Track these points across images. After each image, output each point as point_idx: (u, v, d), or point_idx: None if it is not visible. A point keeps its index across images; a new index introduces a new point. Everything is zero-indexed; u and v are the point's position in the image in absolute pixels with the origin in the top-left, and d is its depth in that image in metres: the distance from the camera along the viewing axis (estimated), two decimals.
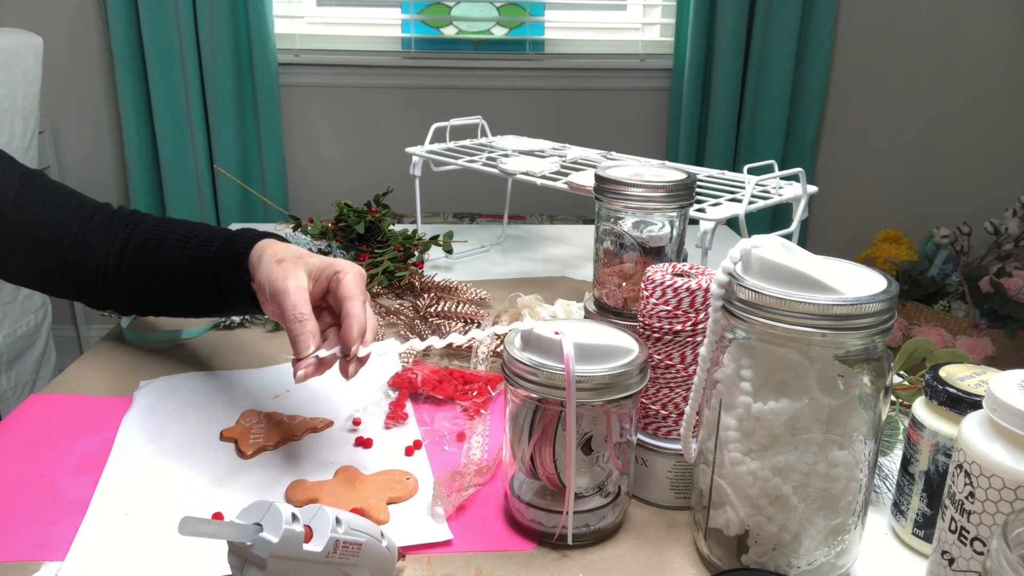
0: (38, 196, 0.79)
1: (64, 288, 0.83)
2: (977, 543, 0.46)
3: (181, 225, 0.81)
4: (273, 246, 0.72)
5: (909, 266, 2.34)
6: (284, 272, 0.66)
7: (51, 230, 0.78)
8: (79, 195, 0.83)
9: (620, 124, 2.44)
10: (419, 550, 0.57)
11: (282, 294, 0.64)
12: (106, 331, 0.96)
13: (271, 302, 0.67)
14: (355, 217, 1.11)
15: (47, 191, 0.80)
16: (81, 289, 0.82)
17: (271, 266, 0.68)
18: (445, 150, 1.20)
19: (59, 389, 0.80)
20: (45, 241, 0.78)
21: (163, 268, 0.78)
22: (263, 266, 0.69)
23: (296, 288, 0.64)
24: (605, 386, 0.54)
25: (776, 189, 0.98)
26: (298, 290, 0.64)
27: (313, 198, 2.44)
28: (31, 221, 0.77)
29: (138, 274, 0.79)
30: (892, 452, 0.69)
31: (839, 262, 0.53)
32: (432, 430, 0.74)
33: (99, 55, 2.28)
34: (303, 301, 0.64)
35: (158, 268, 0.78)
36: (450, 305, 0.97)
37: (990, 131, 2.47)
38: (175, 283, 0.78)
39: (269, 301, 0.68)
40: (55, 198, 0.80)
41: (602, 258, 0.72)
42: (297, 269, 0.66)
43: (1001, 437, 0.45)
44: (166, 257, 0.78)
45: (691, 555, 0.58)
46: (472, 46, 2.40)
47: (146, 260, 0.79)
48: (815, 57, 2.31)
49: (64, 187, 0.83)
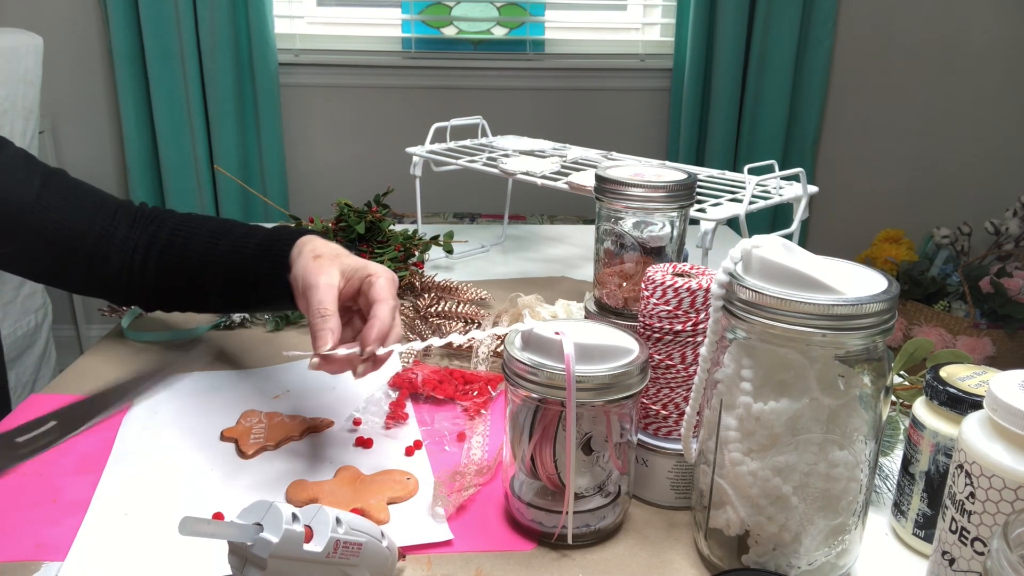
0: (60, 194, 0.79)
1: (88, 285, 0.83)
2: (978, 543, 0.46)
3: (209, 221, 0.81)
4: (313, 242, 0.73)
5: (909, 266, 2.34)
6: (319, 268, 0.67)
7: (74, 228, 0.78)
8: (101, 192, 0.83)
9: (620, 124, 2.44)
10: (419, 550, 0.57)
11: (311, 288, 0.66)
12: (106, 331, 0.96)
13: (302, 297, 0.68)
14: (355, 217, 1.11)
15: (69, 189, 0.80)
16: (105, 286, 0.82)
17: (308, 261, 0.69)
18: (445, 150, 1.20)
19: (59, 389, 0.80)
20: (68, 239, 0.78)
21: (192, 264, 0.79)
22: (300, 260, 0.70)
23: (326, 284, 0.65)
24: (605, 386, 0.54)
25: (776, 189, 0.98)
26: (328, 287, 0.65)
27: (313, 198, 2.44)
28: (54, 219, 0.77)
29: (165, 270, 0.80)
30: (892, 452, 0.69)
31: (839, 262, 0.53)
32: (432, 430, 0.74)
33: (99, 55, 2.28)
34: (330, 298, 0.64)
35: (187, 264, 0.79)
36: (450, 305, 0.97)
37: (990, 131, 2.47)
38: (206, 278, 0.79)
39: (301, 296, 0.69)
40: (77, 196, 0.80)
41: (602, 258, 0.72)
42: (332, 267, 0.67)
43: (1001, 437, 0.45)
44: (195, 253, 0.79)
45: (691, 555, 0.58)
46: (472, 46, 2.40)
47: (174, 256, 0.79)
48: (815, 57, 2.31)
49: (85, 185, 0.83)
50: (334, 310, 0.64)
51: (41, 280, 0.84)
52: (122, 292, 0.83)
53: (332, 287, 0.65)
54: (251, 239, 0.78)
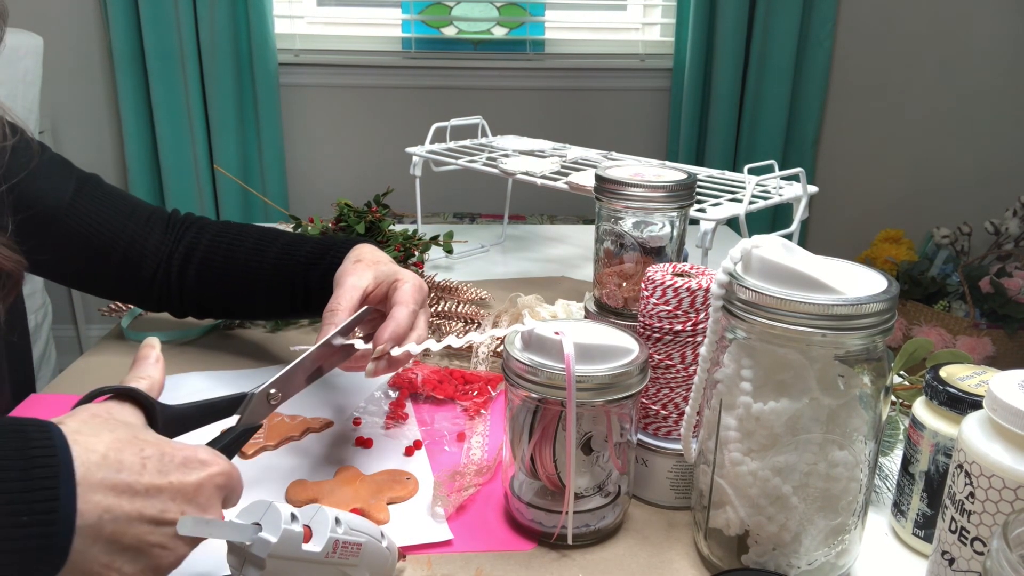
0: (94, 199, 0.80)
1: (120, 291, 0.84)
2: (977, 543, 0.46)
3: (252, 228, 0.83)
4: (361, 249, 0.75)
5: (909, 266, 2.34)
6: (353, 270, 0.70)
7: (107, 233, 0.79)
8: (133, 199, 0.84)
9: (620, 124, 2.44)
10: (419, 550, 0.57)
11: (337, 287, 0.68)
12: (106, 331, 0.96)
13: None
14: (355, 217, 1.11)
15: (103, 194, 0.81)
16: (138, 292, 0.83)
17: (348, 265, 0.72)
18: (445, 150, 1.20)
19: (59, 389, 0.80)
20: (101, 244, 0.79)
21: (238, 271, 0.80)
22: (344, 265, 0.73)
23: (352, 285, 0.67)
24: (605, 386, 0.54)
25: (776, 189, 0.98)
26: (353, 287, 0.67)
27: (313, 198, 2.44)
28: (87, 224, 0.78)
29: (209, 278, 0.82)
30: (892, 452, 0.69)
31: (839, 262, 0.53)
32: (432, 430, 0.74)
33: (99, 55, 2.28)
34: (348, 297, 0.66)
35: (233, 271, 0.81)
36: (450, 305, 0.97)
37: (990, 131, 2.47)
38: (254, 285, 0.80)
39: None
40: (110, 201, 0.81)
41: (602, 258, 0.72)
42: (367, 271, 0.69)
43: (1001, 437, 0.45)
44: (240, 260, 0.80)
45: (691, 555, 0.58)
46: (472, 46, 2.40)
47: (218, 263, 0.81)
48: (815, 57, 2.31)
49: (118, 191, 0.84)
50: (346, 307, 0.65)
51: (73, 284, 0.85)
52: (154, 298, 0.84)
53: (357, 288, 0.67)
54: (301, 247, 0.79)
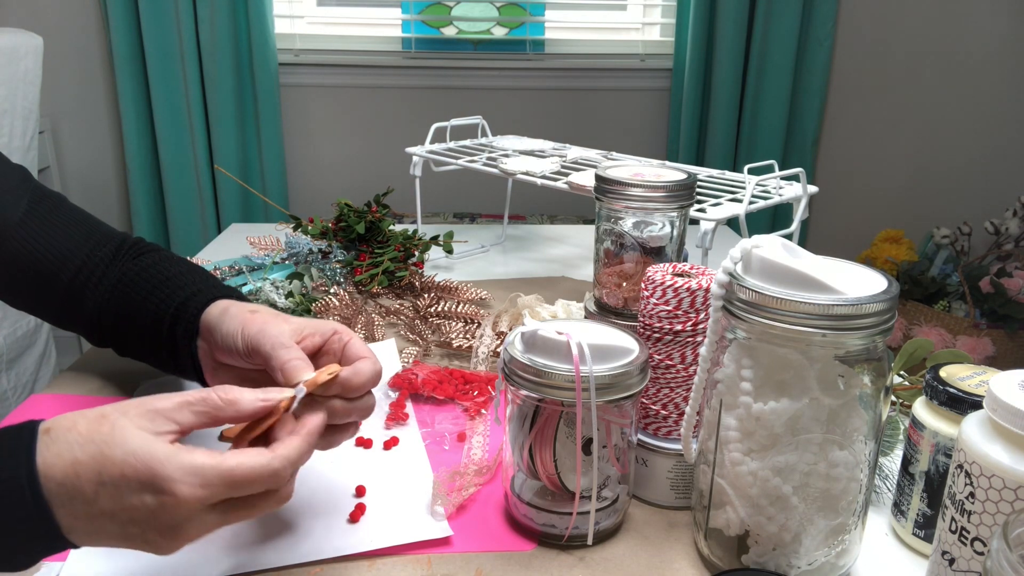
0: (46, 221, 0.74)
1: (64, 320, 0.76)
2: (977, 543, 0.46)
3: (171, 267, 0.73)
4: (237, 305, 0.64)
5: (909, 266, 2.34)
6: (263, 319, 0.60)
7: (53, 259, 0.73)
8: (94, 223, 0.77)
9: (620, 124, 2.44)
10: (419, 549, 0.57)
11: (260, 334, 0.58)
12: None
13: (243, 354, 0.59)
14: (355, 217, 1.11)
15: (59, 217, 0.75)
16: (80, 324, 0.76)
17: (244, 315, 0.61)
18: (445, 150, 1.20)
19: (59, 389, 0.80)
20: (47, 270, 0.73)
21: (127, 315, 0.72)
22: (229, 318, 0.62)
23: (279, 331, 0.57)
24: (605, 386, 0.54)
25: (776, 189, 0.98)
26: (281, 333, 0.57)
27: (313, 198, 2.44)
28: (34, 247, 0.72)
29: (107, 316, 0.73)
30: (892, 452, 0.69)
31: (839, 262, 0.53)
32: (432, 430, 0.74)
33: (99, 55, 2.28)
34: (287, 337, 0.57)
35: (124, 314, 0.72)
36: (450, 305, 0.97)
37: (990, 131, 2.47)
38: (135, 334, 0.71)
39: (241, 354, 0.60)
40: (64, 225, 0.75)
41: (602, 258, 0.72)
42: (277, 318, 0.60)
43: (1001, 437, 0.45)
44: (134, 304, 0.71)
45: (691, 555, 0.58)
46: (472, 46, 2.40)
47: (115, 303, 0.72)
48: (815, 57, 2.31)
49: (81, 214, 0.77)
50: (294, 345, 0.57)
51: (22, 308, 0.77)
52: (96, 334, 0.76)
53: (284, 334, 0.57)
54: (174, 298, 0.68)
